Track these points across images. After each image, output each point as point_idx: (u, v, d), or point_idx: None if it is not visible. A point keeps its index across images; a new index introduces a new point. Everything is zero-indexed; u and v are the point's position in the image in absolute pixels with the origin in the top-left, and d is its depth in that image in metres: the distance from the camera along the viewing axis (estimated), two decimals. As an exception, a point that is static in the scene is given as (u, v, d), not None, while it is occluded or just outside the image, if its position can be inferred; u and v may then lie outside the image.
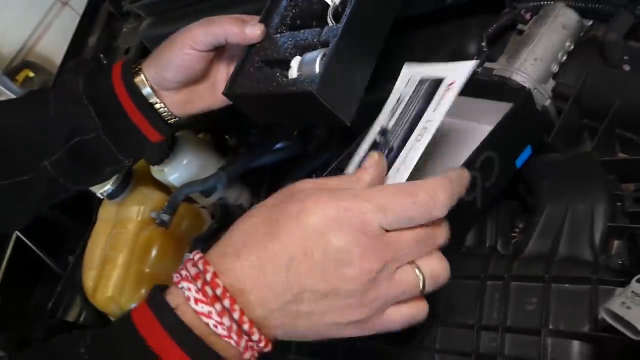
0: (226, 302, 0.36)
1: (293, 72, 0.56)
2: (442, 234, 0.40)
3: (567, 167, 0.59)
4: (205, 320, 0.36)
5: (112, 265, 0.89)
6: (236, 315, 0.36)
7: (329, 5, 0.58)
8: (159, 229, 0.89)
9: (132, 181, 0.94)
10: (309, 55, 0.55)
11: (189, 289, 0.37)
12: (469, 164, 0.54)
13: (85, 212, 1.04)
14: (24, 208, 0.67)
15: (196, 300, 0.37)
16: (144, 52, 1.11)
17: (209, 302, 0.36)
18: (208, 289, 0.36)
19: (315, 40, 0.56)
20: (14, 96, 1.21)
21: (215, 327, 0.36)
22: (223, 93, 0.62)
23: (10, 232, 0.99)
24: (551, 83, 0.65)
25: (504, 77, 0.65)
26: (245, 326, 0.37)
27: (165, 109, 0.65)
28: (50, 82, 1.84)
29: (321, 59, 0.53)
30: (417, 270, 0.39)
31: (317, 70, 0.53)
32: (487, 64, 0.67)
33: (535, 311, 0.52)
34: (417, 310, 0.40)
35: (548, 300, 0.51)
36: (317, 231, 0.37)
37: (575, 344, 0.49)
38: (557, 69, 0.65)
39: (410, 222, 0.38)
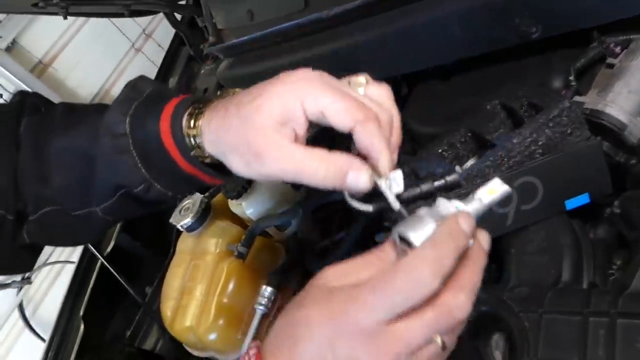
0: None
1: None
2: (458, 311, 0.41)
3: (671, 200, 0.57)
4: None
5: (190, 296, 0.91)
6: None
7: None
8: (237, 262, 0.91)
9: (210, 214, 0.96)
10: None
11: None
12: (508, 180, 0.52)
13: (163, 244, 1.08)
14: (88, 233, 0.66)
15: None
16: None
17: None
18: None
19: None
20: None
21: None
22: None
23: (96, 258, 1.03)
24: (647, 116, 0.64)
25: (596, 111, 0.64)
26: None
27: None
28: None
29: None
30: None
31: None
32: (577, 98, 0.67)
33: (647, 350, 0.49)
34: None
35: (661, 339, 0.49)
36: (327, 339, 0.42)
37: (695, 386, 0.47)
38: (652, 102, 0.64)
39: (405, 303, 0.40)
